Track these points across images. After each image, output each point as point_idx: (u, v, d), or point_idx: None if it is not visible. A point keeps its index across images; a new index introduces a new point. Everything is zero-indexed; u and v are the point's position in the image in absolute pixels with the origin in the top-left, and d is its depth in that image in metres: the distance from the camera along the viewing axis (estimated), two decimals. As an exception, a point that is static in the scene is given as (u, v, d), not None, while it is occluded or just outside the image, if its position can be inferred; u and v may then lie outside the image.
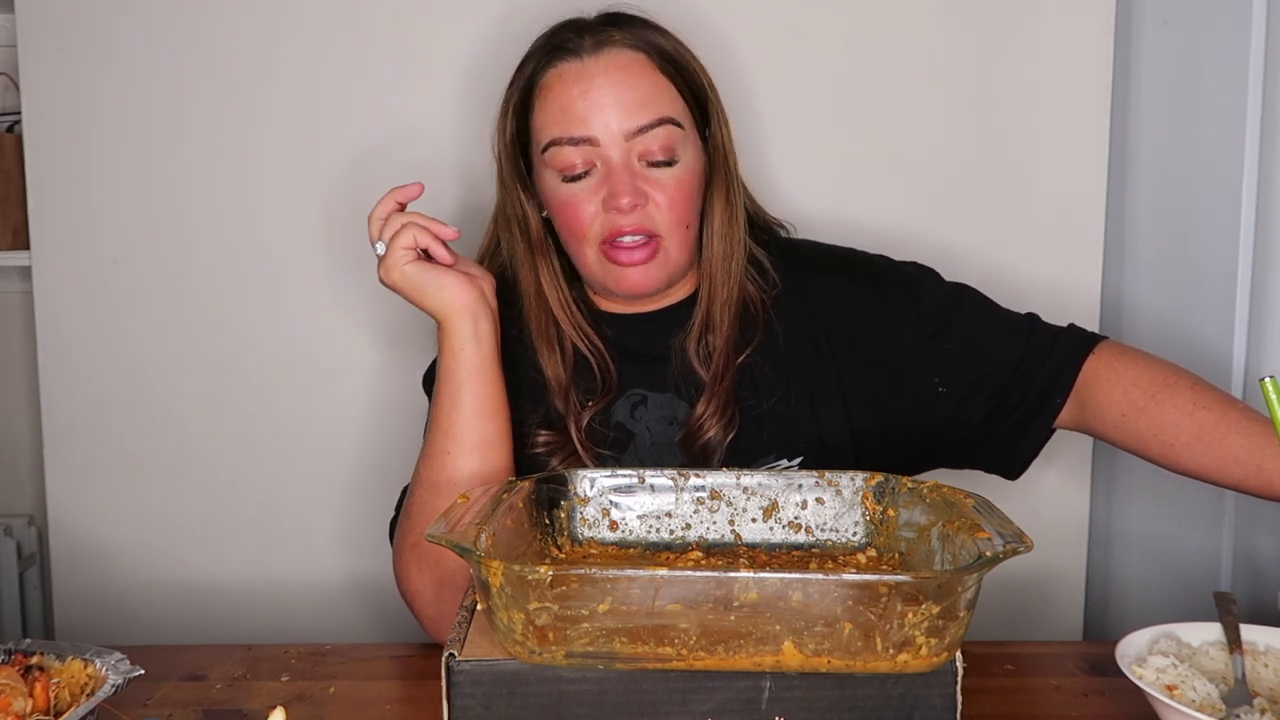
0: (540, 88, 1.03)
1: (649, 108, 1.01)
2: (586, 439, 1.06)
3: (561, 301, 1.08)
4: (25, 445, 1.62)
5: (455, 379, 1.00)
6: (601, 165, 1.01)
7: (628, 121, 1.00)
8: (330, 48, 1.41)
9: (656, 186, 1.01)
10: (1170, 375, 1.01)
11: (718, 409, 1.05)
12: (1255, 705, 0.77)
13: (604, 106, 1.00)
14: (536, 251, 1.09)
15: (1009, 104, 1.42)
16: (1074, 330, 1.09)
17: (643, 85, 1.01)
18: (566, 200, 1.03)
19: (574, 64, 1.02)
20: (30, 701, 0.77)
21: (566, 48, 1.03)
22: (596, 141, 1.00)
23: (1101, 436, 1.06)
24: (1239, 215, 1.17)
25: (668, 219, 1.02)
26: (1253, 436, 0.94)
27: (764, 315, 1.09)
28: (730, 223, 1.08)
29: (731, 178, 1.08)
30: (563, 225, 1.05)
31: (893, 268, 1.13)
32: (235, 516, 1.46)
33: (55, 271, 1.43)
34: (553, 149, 1.02)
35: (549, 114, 1.02)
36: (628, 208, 1.00)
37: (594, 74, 1.01)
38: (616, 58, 1.01)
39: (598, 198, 1.01)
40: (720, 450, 1.05)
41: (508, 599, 0.68)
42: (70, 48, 1.40)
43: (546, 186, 1.05)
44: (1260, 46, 1.14)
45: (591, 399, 1.07)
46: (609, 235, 1.02)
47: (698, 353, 1.08)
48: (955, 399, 1.07)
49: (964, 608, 0.68)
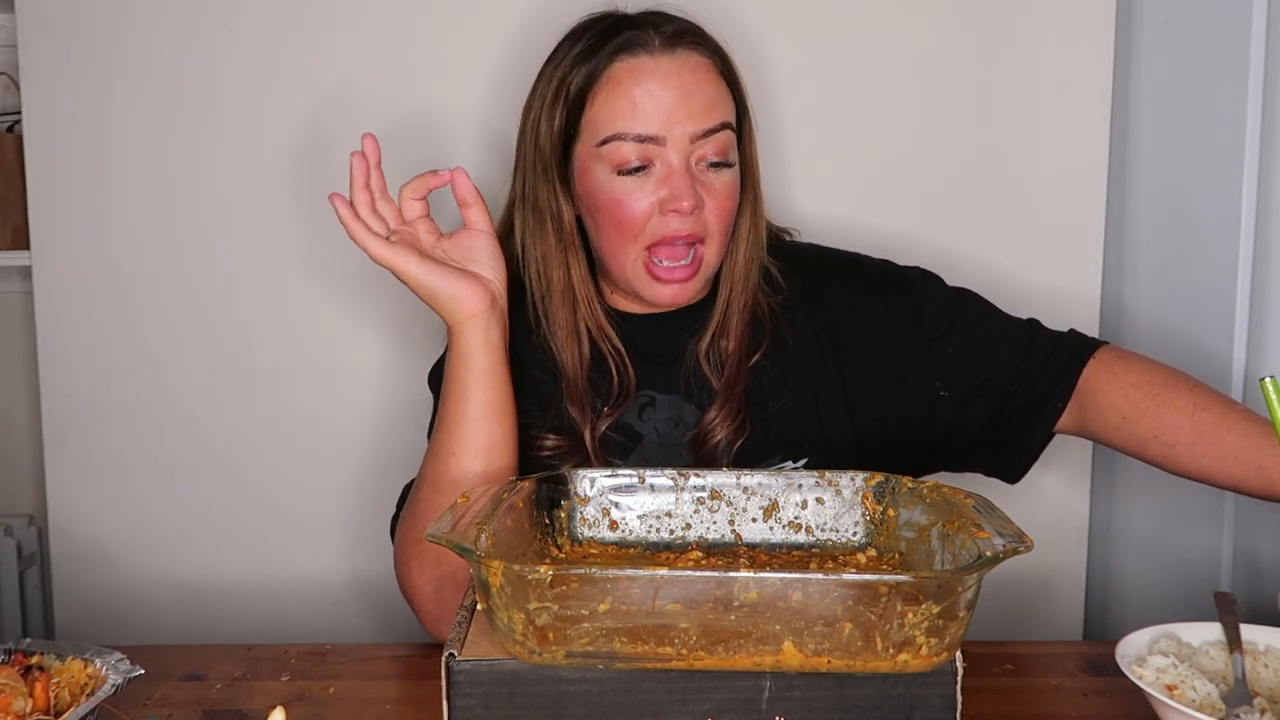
0: (605, 79, 1.00)
1: (714, 112, 1.00)
2: (600, 447, 1.05)
3: (588, 299, 1.07)
4: (25, 445, 1.62)
5: (462, 382, 0.99)
6: (662, 166, 1.00)
7: (694, 125, 0.99)
8: (331, 46, 1.41)
9: (710, 192, 1.01)
10: (1170, 378, 1.01)
11: (730, 414, 1.05)
12: (1255, 705, 0.77)
13: (673, 107, 0.98)
14: (569, 247, 1.06)
15: (1009, 105, 1.42)
16: (1075, 335, 1.09)
17: (711, 90, 1.01)
18: (619, 198, 1.00)
19: (646, 60, 0.99)
20: (30, 701, 0.77)
21: (638, 43, 1.00)
22: (662, 141, 0.99)
23: (1102, 440, 1.06)
24: (1239, 216, 1.17)
25: (716, 225, 1.02)
26: (1253, 436, 0.95)
27: (772, 320, 1.09)
28: (755, 231, 1.08)
29: (758, 190, 1.09)
30: (608, 222, 1.02)
31: (895, 272, 1.13)
32: (236, 516, 1.46)
33: (55, 271, 1.43)
34: (614, 143, 0.99)
35: (614, 108, 0.99)
36: (688, 210, 0.99)
37: (667, 73, 0.99)
38: (688, 60, 1.00)
39: (654, 198, 1.00)
40: (729, 453, 1.06)
41: (508, 599, 0.68)
42: (70, 48, 1.40)
43: (595, 182, 1.02)
44: (1260, 46, 1.14)
45: (607, 405, 1.06)
46: (659, 239, 1.00)
47: (708, 357, 1.07)
48: (956, 402, 1.07)
49: (964, 608, 0.68)
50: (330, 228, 1.42)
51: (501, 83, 1.38)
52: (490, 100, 1.39)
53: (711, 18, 1.08)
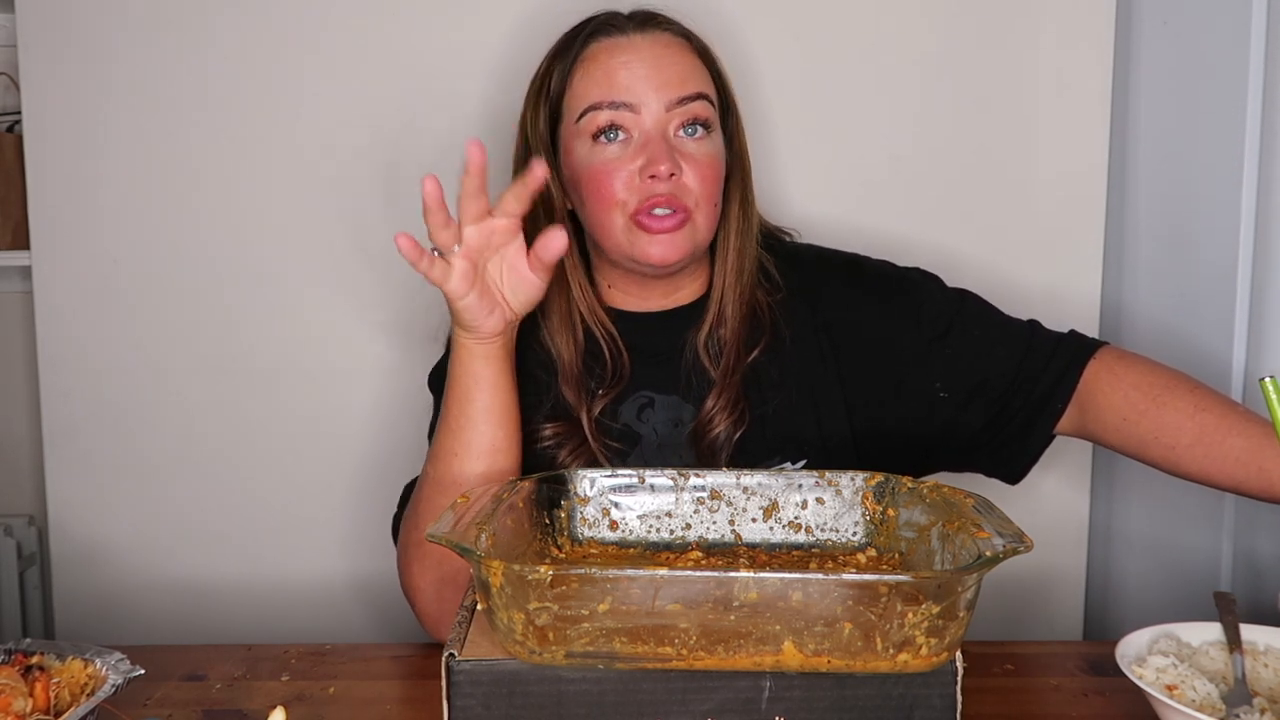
0: (581, 60, 1.04)
1: (689, 82, 1.03)
2: (596, 430, 1.06)
3: (580, 285, 1.09)
4: (25, 445, 1.62)
5: (464, 386, 0.99)
6: (639, 134, 1.02)
7: (668, 93, 1.01)
8: (331, 46, 1.41)
9: (690, 160, 1.02)
10: (1170, 379, 1.01)
11: (728, 403, 1.05)
12: (1255, 705, 0.77)
13: (645, 76, 1.02)
14: None
15: (1009, 106, 1.42)
16: (1075, 336, 1.09)
17: (684, 63, 1.04)
18: (599, 168, 1.02)
19: (620, 38, 1.04)
20: (30, 701, 0.77)
21: (611, 24, 1.05)
22: (637, 109, 1.01)
23: (1102, 442, 1.06)
24: (1239, 217, 1.17)
25: (699, 191, 1.02)
26: (1254, 438, 0.94)
27: (770, 317, 1.09)
28: (746, 220, 1.09)
29: (748, 179, 1.10)
30: (592, 194, 1.03)
31: (895, 273, 1.13)
32: (235, 516, 1.46)
33: (55, 271, 1.43)
34: (590, 113, 1.02)
35: (590, 81, 1.03)
36: (665, 174, 1.00)
37: (639, 46, 1.03)
38: (660, 37, 1.04)
39: (632, 166, 1.01)
40: (728, 446, 1.06)
41: (508, 599, 0.68)
42: (70, 48, 1.40)
43: (577, 159, 1.04)
44: (1260, 46, 1.14)
45: (602, 388, 1.07)
46: (641, 205, 1.01)
47: (708, 348, 1.08)
48: (956, 403, 1.07)
49: (964, 608, 0.68)
50: (330, 229, 1.43)
51: (502, 85, 1.38)
52: (493, 101, 1.39)
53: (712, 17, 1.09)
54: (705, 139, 1.03)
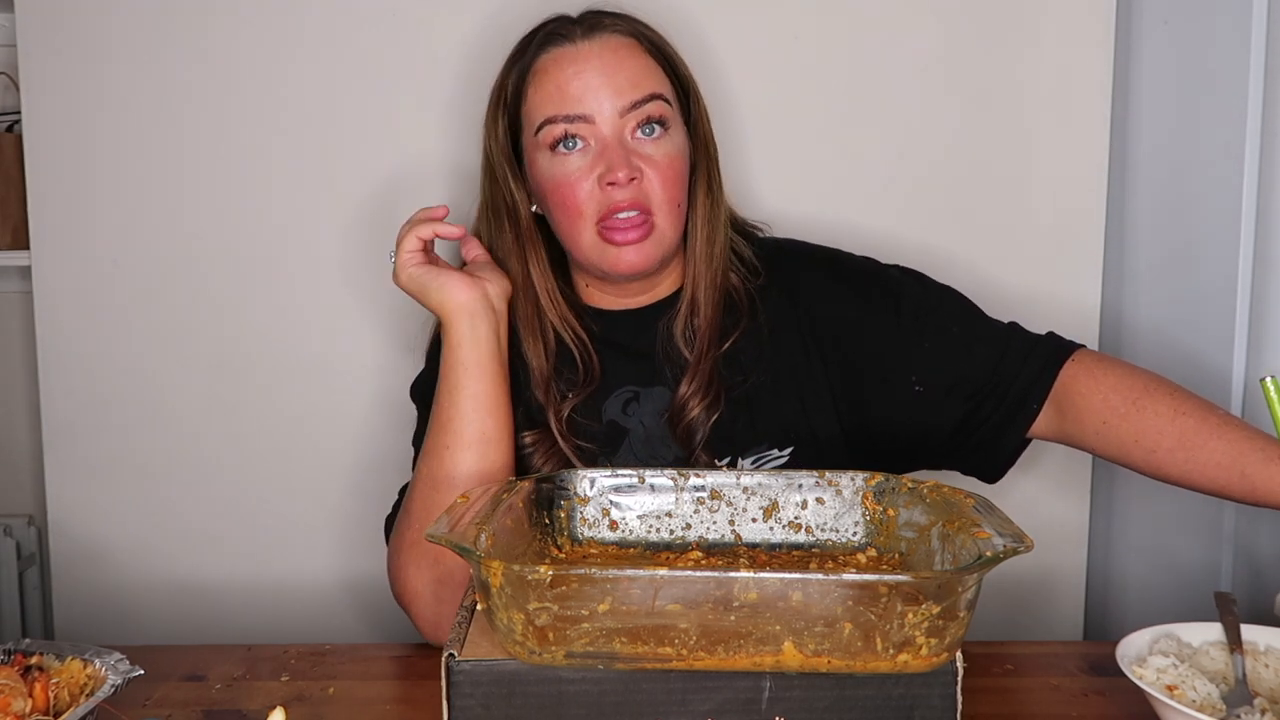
0: (533, 73, 1.05)
1: (641, 85, 1.03)
2: (566, 430, 1.06)
3: (548, 290, 1.10)
4: (25, 445, 1.62)
5: (454, 375, 1.02)
6: (596, 143, 1.03)
7: (620, 99, 1.02)
8: (330, 48, 1.40)
9: (649, 163, 1.03)
10: (1150, 382, 1.00)
11: (700, 386, 1.06)
12: (1255, 705, 0.77)
13: (597, 86, 1.02)
14: (526, 240, 1.10)
15: (1007, 106, 1.41)
16: (1052, 338, 1.09)
17: (634, 65, 1.04)
18: (561, 180, 1.03)
19: (568, 48, 1.04)
20: (30, 701, 0.77)
21: (559, 33, 1.05)
22: (591, 119, 1.02)
23: (1083, 446, 1.05)
24: (1239, 222, 1.17)
25: (661, 195, 1.03)
26: (1234, 441, 0.94)
27: (747, 302, 1.10)
28: (713, 208, 1.10)
29: (713, 166, 1.11)
30: (557, 206, 1.05)
31: (875, 267, 1.14)
32: (235, 516, 1.46)
33: (55, 271, 1.43)
34: (547, 127, 1.03)
35: (543, 95, 1.04)
36: (624, 180, 1.01)
37: (587, 55, 1.03)
38: (608, 41, 1.04)
39: (593, 175, 1.02)
40: (704, 430, 1.06)
41: (508, 599, 0.68)
42: (70, 48, 1.40)
43: (540, 171, 1.05)
44: (1260, 46, 1.14)
45: (573, 390, 1.08)
46: (605, 212, 1.02)
47: (684, 335, 1.09)
48: (932, 400, 1.07)
49: (964, 608, 0.68)
50: (330, 230, 1.42)
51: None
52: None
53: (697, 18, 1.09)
54: (664, 137, 1.04)
